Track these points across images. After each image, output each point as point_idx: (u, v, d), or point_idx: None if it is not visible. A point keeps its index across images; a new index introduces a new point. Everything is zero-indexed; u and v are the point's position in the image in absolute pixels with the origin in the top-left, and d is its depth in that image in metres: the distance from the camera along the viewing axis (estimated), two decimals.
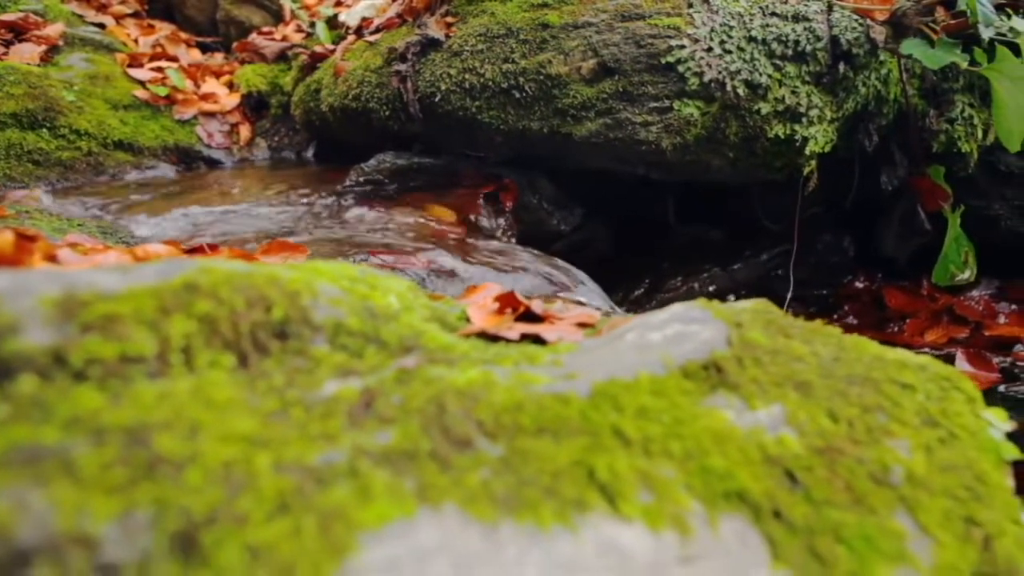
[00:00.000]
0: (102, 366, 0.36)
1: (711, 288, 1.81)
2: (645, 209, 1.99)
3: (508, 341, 0.57)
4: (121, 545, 0.30)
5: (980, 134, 1.63)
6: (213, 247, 0.86)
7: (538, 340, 0.59)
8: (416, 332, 0.50)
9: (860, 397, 0.55)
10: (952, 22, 1.52)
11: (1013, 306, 1.76)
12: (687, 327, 0.54)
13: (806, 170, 1.50)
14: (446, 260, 1.21)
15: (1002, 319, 1.73)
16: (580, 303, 1.04)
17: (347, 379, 0.41)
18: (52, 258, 0.67)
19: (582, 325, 0.67)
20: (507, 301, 0.69)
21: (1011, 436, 1.49)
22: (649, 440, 0.44)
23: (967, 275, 1.68)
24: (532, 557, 0.36)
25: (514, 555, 0.35)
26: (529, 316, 0.68)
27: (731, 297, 1.90)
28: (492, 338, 0.59)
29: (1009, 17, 1.39)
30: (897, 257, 1.71)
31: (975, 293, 1.84)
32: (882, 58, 1.48)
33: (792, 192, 1.66)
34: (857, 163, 1.69)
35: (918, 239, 1.63)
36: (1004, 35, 1.46)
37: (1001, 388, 1.49)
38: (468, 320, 0.65)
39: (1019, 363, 1.57)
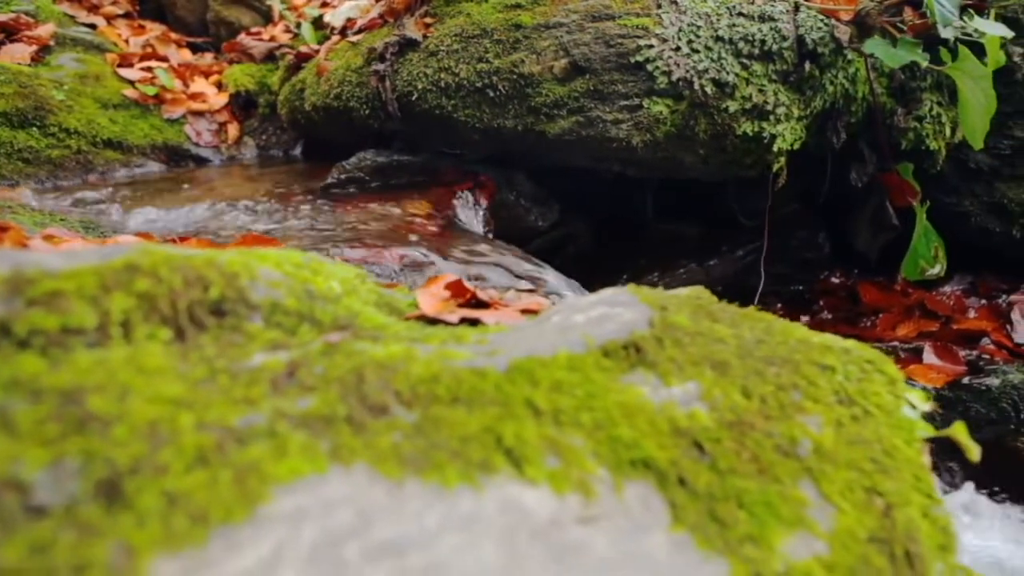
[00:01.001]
0: (44, 336, 0.40)
1: (687, 283, 1.84)
2: (624, 206, 2.02)
3: (447, 324, 0.61)
4: (50, 490, 0.33)
5: (948, 132, 1.66)
6: (184, 239, 0.90)
7: (477, 324, 0.63)
8: (352, 313, 0.54)
9: (777, 376, 0.59)
10: (919, 22, 1.55)
11: (983, 301, 1.80)
12: (611, 309, 0.57)
13: (775, 167, 1.53)
14: (419, 254, 1.25)
15: (972, 313, 1.76)
16: (534, 293, 1.08)
17: (276, 352, 0.45)
18: (23, 247, 0.70)
19: (527, 312, 0.70)
20: (456, 289, 0.72)
21: (967, 421, 1.53)
22: (560, 411, 0.47)
23: (937, 270, 1.71)
24: (433, 511, 0.39)
25: (416, 508, 0.39)
26: (476, 303, 0.71)
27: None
28: (433, 322, 0.62)
29: (971, 18, 1.42)
30: (868, 252, 1.75)
31: (947, 288, 1.87)
32: (850, 57, 1.51)
33: (767, 188, 1.70)
34: (829, 160, 1.72)
35: (887, 234, 1.66)
36: (969, 35, 1.49)
37: (966, 380, 1.53)
38: (417, 306, 0.69)
39: (984, 356, 1.60)
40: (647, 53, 1.35)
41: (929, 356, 1.61)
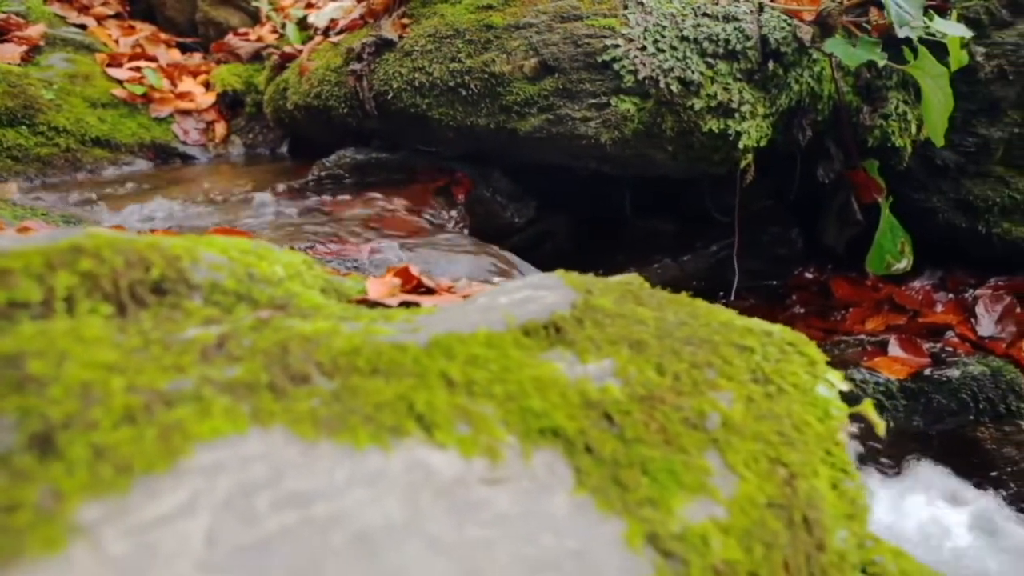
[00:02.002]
0: None
1: (662, 278, 1.88)
2: (602, 204, 2.06)
3: (387, 307, 0.65)
4: None
5: (914, 129, 1.70)
6: (155, 231, 0.94)
7: (416, 308, 0.67)
8: (291, 294, 0.58)
9: (693, 355, 0.62)
10: (883, 22, 1.59)
11: (950, 295, 1.83)
12: (536, 292, 0.61)
13: (743, 163, 1.57)
14: (389, 248, 1.29)
15: (939, 307, 1.80)
16: (490, 283, 1.12)
17: (209, 326, 0.49)
18: None
19: (468, 297, 0.74)
20: (404, 276, 0.76)
21: (929, 412, 1.57)
22: (473, 383, 0.51)
23: (903, 264, 1.75)
24: (342, 468, 0.43)
25: (326, 466, 0.43)
26: (422, 289, 0.75)
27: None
28: (375, 306, 0.66)
29: (932, 19, 1.46)
30: (835, 247, 1.79)
31: (916, 283, 1.91)
32: (815, 56, 1.55)
33: (744, 186, 1.74)
34: (798, 158, 1.76)
35: (852, 229, 1.70)
36: (932, 35, 1.53)
37: (928, 372, 1.57)
38: (365, 292, 0.73)
39: (948, 348, 1.64)
40: (614, 52, 1.39)
41: (894, 348, 1.65)
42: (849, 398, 0.71)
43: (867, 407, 0.67)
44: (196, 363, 0.45)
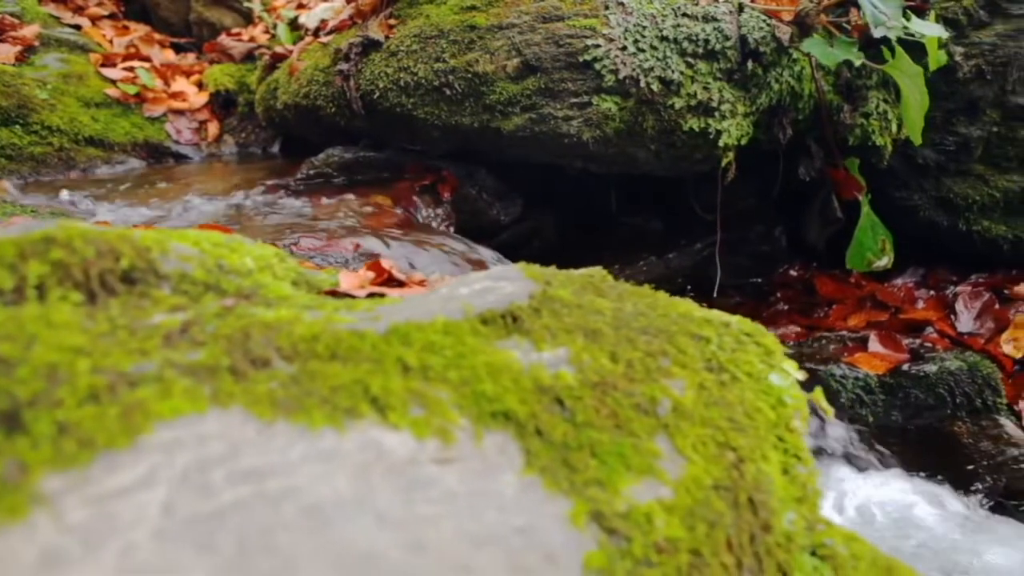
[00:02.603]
0: None
1: (648, 275, 1.91)
2: (590, 202, 2.09)
3: (353, 298, 0.67)
4: None
5: (895, 128, 1.72)
6: (138, 227, 0.96)
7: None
8: (259, 285, 0.60)
9: (648, 344, 0.65)
10: (862, 22, 1.62)
11: (932, 292, 1.86)
12: (495, 283, 0.63)
13: (724, 162, 1.59)
14: (373, 244, 1.31)
15: (920, 304, 1.82)
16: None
17: (175, 313, 0.51)
18: None
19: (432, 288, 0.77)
20: (376, 269, 0.79)
21: (907, 406, 1.59)
22: (429, 368, 0.54)
23: (884, 262, 1.77)
24: (297, 447, 0.45)
25: (281, 444, 0.45)
26: (393, 282, 0.78)
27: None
28: (342, 296, 0.69)
29: (909, 19, 1.48)
30: (817, 245, 1.81)
31: (899, 281, 1.94)
32: (795, 56, 1.58)
33: (727, 184, 1.76)
34: (781, 156, 1.78)
35: (832, 227, 1.72)
36: (912, 35, 1.56)
37: (906, 367, 1.59)
38: (337, 284, 0.75)
39: (927, 344, 1.66)
40: (595, 52, 1.41)
41: (874, 344, 1.67)
42: (826, 390, 0.73)
43: (817, 395, 0.69)
44: (160, 347, 0.47)
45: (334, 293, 0.67)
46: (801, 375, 0.74)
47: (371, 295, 0.68)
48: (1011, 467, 1.54)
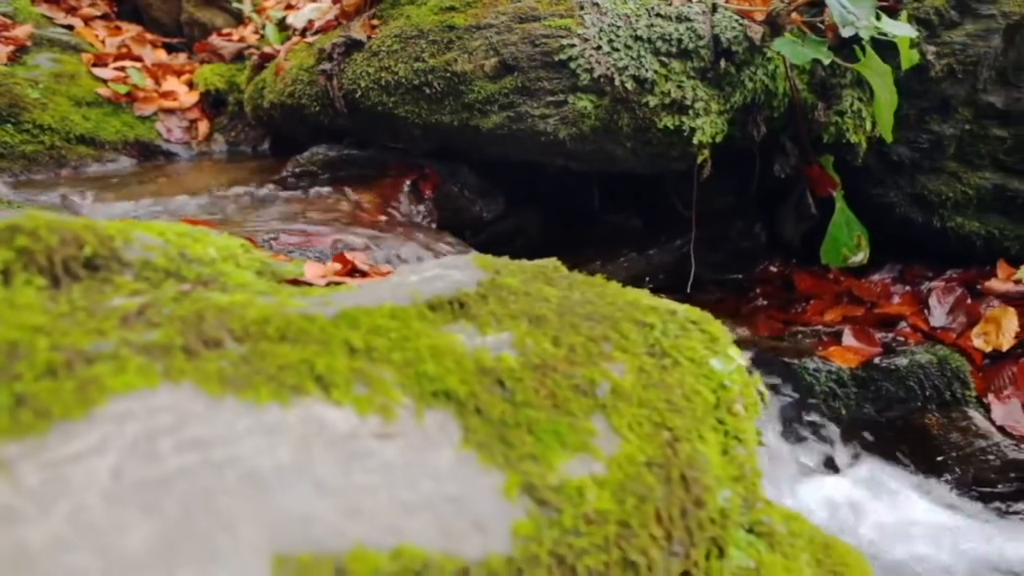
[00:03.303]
0: None
1: (629, 271, 1.94)
2: (573, 200, 2.12)
3: (311, 286, 0.70)
4: None
5: (869, 126, 1.75)
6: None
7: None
8: (220, 273, 0.64)
9: (591, 329, 0.68)
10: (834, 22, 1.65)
11: (908, 288, 1.89)
12: (445, 271, 0.67)
13: (700, 159, 1.62)
14: (352, 239, 1.34)
15: (896, 299, 1.86)
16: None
17: (134, 298, 0.55)
18: None
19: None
20: (341, 260, 0.82)
21: (875, 399, 1.63)
22: (374, 349, 0.57)
23: (860, 257, 1.81)
24: (242, 420, 0.49)
25: (228, 417, 0.48)
26: (356, 273, 0.81)
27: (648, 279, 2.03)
28: (303, 284, 0.72)
29: (879, 19, 1.51)
30: (793, 240, 1.84)
31: (876, 277, 1.97)
32: (769, 55, 1.61)
33: (706, 181, 1.79)
34: (757, 153, 1.82)
35: (807, 223, 1.76)
36: (885, 35, 1.59)
37: (877, 360, 1.62)
38: (302, 274, 0.78)
39: (900, 338, 1.69)
40: (570, 52, 1.45)
41: (848, 338, 1.71)
42: (800, 383, 0.77)
43: (755, 382, 0.72)
44: (117, 328, 0.51)
45: (296, 282, 0.71)
46: (745, 361, 0.77)
47: (330, 284, 0.71)
48: (979, 458, 1.57)
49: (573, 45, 1.44)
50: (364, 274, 0.80)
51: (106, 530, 0.41)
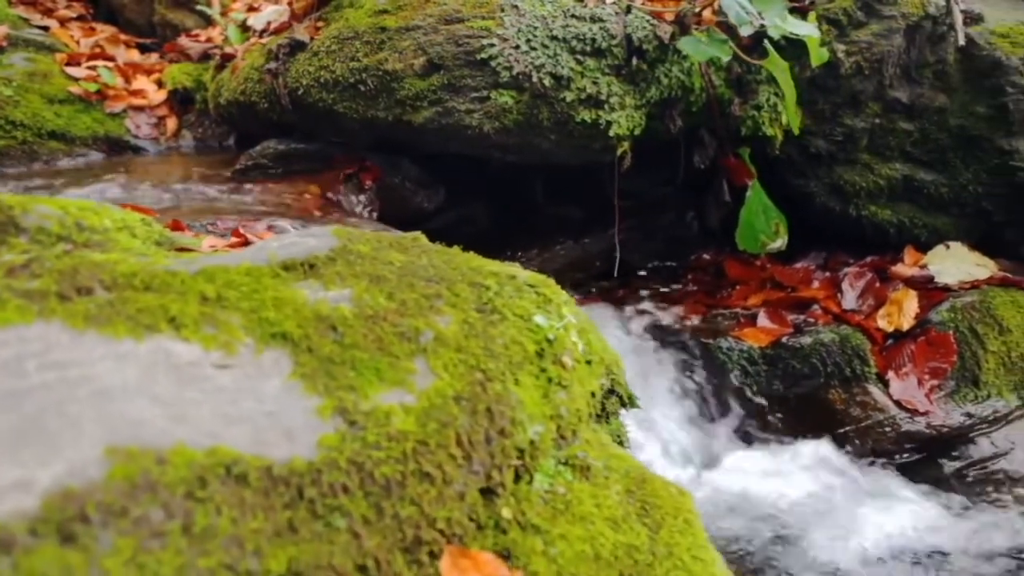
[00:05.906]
0: None
1: (566, 259, 2.06)
2: (518, 192, 2.24)
3: (192, 252, 0.83)
4: None
5: (784, 119, 1.87)
6: None
7: None
8: (110, 240, 0.76)
9: (426, 288, 0.80)
10: None
11: (827, 274, 2.00)
12: (302, 239, 0.79)
13: (619, 151, 1.74)
14: (286, 225, 1.47)
15: (815, 284, 1.97)
16: None
17: (23, 255, 0.67)
18: None
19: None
20: (236, 234, 0.94)
21: (783, 376, 1.78)
22: (225, 299, 0.69)
23: (779, 244, 1.92)
24: (99, 348, 0.61)
25: (88, 347, 0.61)
26: (247, 244, 0.93)
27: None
28: (185, 251, 0.84)
29: (784, 19, 1.63)
30: (714, 227, 1.96)
31: (801, 264, 2.08)
32: (684, 53, 1.72)
33: (638, 172, 1.91)
34: (681, 145, 1.93)
35: (723, 210, 1.87)
36: (796, 35, 1.70)
37: (785, 339, 1.74)
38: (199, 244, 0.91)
39: (811, 319, 1.81)
40: (490, 51, 1.57)
41: (762, 319, 1.82)
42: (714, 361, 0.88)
43: (568, 328, 0.84)
44: (3, 277, 0.63)
45: (183, 249, 0.83)
46: (573, 318, 0.89)
47: (215, 251, 0.84)
48: (877, 430, 1.69)
49: (493, 45, 1.56)
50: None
51: None
